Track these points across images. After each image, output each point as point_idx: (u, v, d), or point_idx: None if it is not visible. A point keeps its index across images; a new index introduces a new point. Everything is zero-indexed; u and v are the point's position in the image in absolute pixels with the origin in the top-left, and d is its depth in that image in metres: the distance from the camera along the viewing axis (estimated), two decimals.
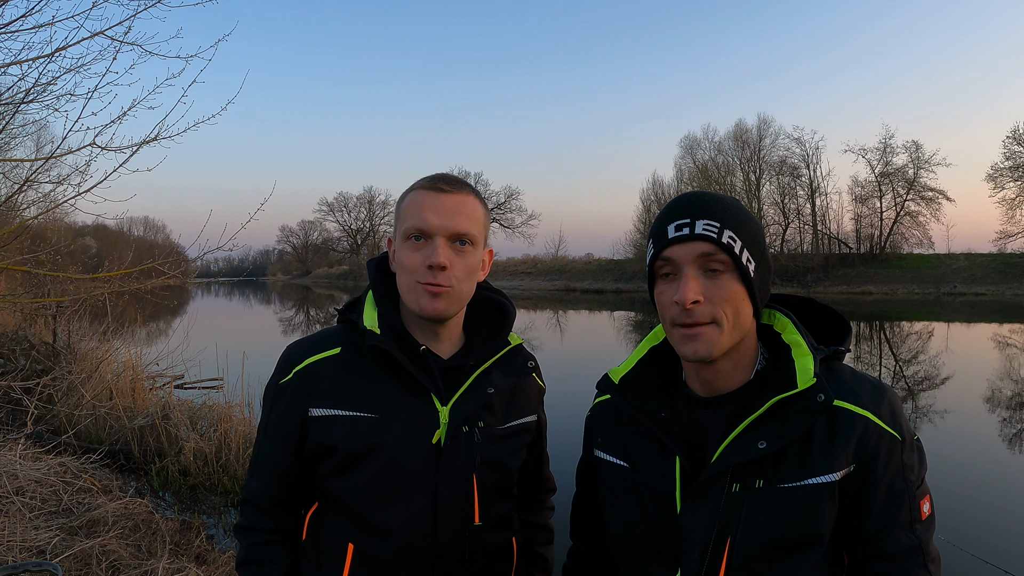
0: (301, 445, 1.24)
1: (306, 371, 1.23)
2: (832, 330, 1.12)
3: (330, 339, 1.27)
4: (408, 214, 1.21)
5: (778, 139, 49.50)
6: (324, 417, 1.20)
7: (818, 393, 0.97)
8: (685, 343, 1.01)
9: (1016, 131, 41.82)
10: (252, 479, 1.29)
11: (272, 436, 1.26)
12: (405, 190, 1.28)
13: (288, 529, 1.28)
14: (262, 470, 1.27)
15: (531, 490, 1.48)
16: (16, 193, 7.02)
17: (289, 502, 1.28)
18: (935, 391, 10.36)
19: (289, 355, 1.26)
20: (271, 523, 1.26)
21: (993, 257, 40.28)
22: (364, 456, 1.19)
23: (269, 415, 1.26)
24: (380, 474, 1.19)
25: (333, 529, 1.22)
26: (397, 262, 1.24)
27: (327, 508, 1.25)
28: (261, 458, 1.27)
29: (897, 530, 0.98)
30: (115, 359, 8.38)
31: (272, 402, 1.26)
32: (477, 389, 1.25)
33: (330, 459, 1.21)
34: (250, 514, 1.27)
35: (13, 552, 3.36)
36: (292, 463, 1.25)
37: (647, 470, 1.10)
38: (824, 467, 0.97)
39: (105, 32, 4.71)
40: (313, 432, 1.21)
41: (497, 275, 62.27)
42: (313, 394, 1.21)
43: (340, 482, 1.21)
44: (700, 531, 1.01)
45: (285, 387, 1.24)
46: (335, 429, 1.19)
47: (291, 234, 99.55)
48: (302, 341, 1.29)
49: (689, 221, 1.01)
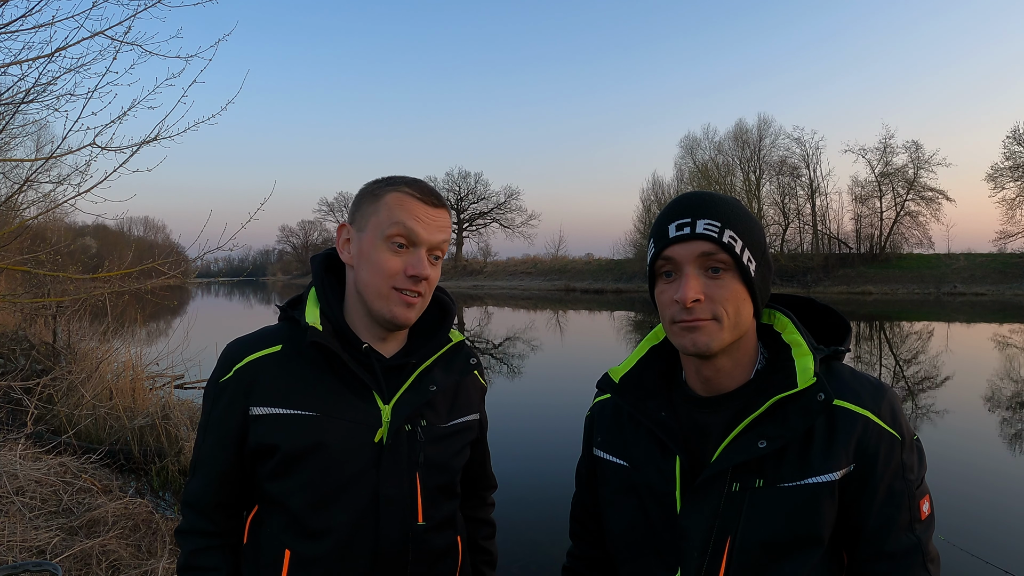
0: (242, 445, 1.21)
1: (246, 369, 1.20)
2: (832, 330, 1.12)
3: (271, 337, 1.24)
4: (394, 217, 1.18)
5: (778, 139, 49.60)
6: (265, 416, 1.18)
7: (818, 392, 0.97)
8: (685, 335, 1.01)
9: (1016, 131, 41.88)
10: (193, 480, 1.25)
11: (213, 436, 1.22)
12: (378, 183, 1.24)
13: (228, 532, 1.25)
14: (203, 471, 1.23)
15: (474, 488, 1.48)
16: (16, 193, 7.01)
17: (230, 504, 1.25)
18: (935, 391, 10.36)
19: (229, 353, 1.23)
20: (211, 526, 1.23)
21: (993, 257, 40.28)
22: (305, 456, 1.16)
23: (210, 414, 1.23)
24: (320, 474, 1.16)
25: (270, 533, 1.20)
26: (368, 261, 1.19)
27: (265, 511, 1.22)
28: (202, 459, 1.24)
29: (897, 530, 0.98)
30: (115, 359, 8.37)
31: (212, 401, 1.23)
32: (419, 387, 1.23)
33: (270, 459, 1.18)
34: (191, 517, 1.23)
35: (13, 552, 3.36)
36: (233, 464, 1.22)
37: (647, 469, 1.10)
38: (824, 466, 0.97)
39: (105, 32, 4.71)
40: (254, 431, 1.18)
41: (497, 275, 62.30)
42: (253, 393, 1.18)
43: (279, 483, 1.18)
44: (700, 531, 1.00)
45: (225, 386, 1.21)
46: (276, 428, 1.17)
47: (291, 234, 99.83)
48: (242, 339, 1.25)
49: (690, 220, 1.01)
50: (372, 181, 1.26)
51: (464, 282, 60.95)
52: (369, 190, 1.24)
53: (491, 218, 68.65)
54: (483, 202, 68.91)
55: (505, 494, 1.57)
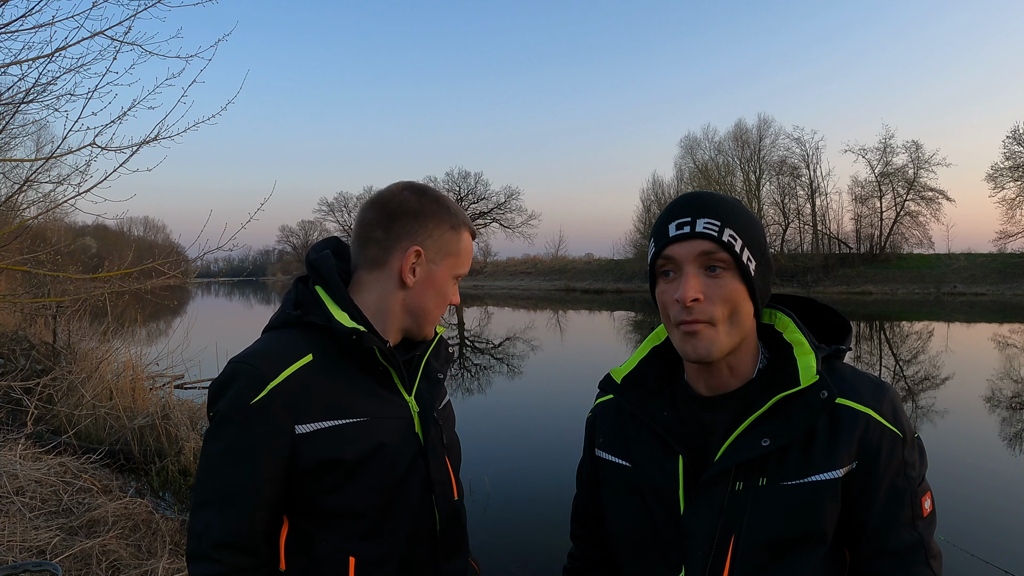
0: (290, 468, 1.13)
1: (285, 386, 1.11)
2: (833, 330, 1.12)
3: (297, 347, 1.17)
4: (464, 260, 1.33)
5: (778, 139, 49.51)
6: (316, 432, 1.13)
7: (820, 390, 0.98)
8: (686, 342, 1.02)
9: (1016, 131, 41.82)
10: (222, 517, 1.10)
11: (252, 464, 1.11)
12: (451, 213, 1.30)
13: (271, 561, 1.16)
14: (241, 505, 1.10)
15: None
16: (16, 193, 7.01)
17: (273, 532, 1.17)
18: (935, 391, 10.37)
19: (254, 371, 1.11)
20: (257, 561, 1.13)
21: (993, 257, 40.27)
22: (367, 461, 1.16)
23: (242, 440, 1.10)
24: (381, 475, 1.18)
25: (326, 547, 1.15)
26: (437, 292, 1.30)
27: (314, 527, 1.17)
28: (238, 492, 1.10)
29: (899, 527, 0.98)
30: (115, 359, 8.39)
31: (242, 426, 1.10)
32: (429, 377, 1.34)
33: (330, 474, 1.14)
34: (230, 558, 1.09)
35: (13, 552, 3.36)
36: (280, 490, 1.14)
37: (650, 469, 1.10)
38: (827, 464, 0.97)
39: (105, 32, 4.70)
40: (307, 450, 1.12)
41: (497, 275, 62.34)
42: (299, 410, 1.12)
43: (339, 494, 1.15)
44: (704, 530, 1.01)
45: (260, 407, 1.10)
46: (333, 442, 1.13)
47: (291, 234, 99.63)
48: (263, 353, 1.15)
49: (690, 220, 1.01)
50: (432, 200, 1.29)
51: (464, 282, 60.11)
52: (444, 219, 1.29)
53: (491, 218, 68.56)
54: (483, 202, 68.80)
55: (505, 494, 1.57)
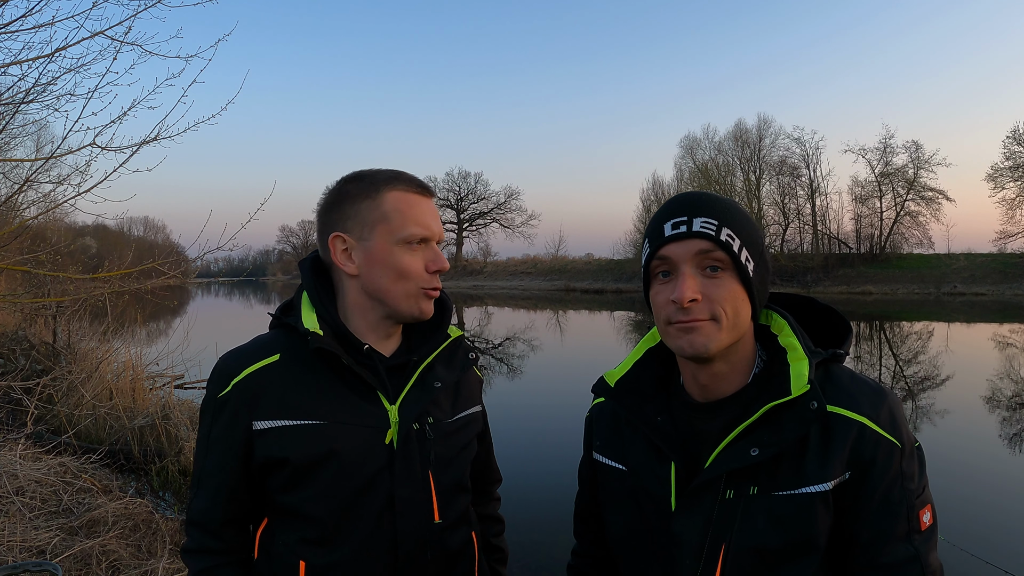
0: (248, 460, 1.17)
1: (245, 382, 1.15)
2: (833, 331, 1.10)
3: (267, 346, 1.20)
4: (406, 218, 1.17)
5: (778, 139, 49.41)
6: (271, 429, 1.14)
7: (811, 401, 0.95)
8: (681, 336, 0.98)
9: (1016, 131, 41.77)
10: (196, 498, 1.20)
11: (215, 453, 1.18)
12: (362, 183, 1.19)
13: (238, 549, 1.22)
14: (207, 489, 1.19)
15: (481, 483, 1.46)
16: (16, 193, 7.02)
17: (238, 520, 1.22)
18: (935, 391, 10.35)
19: (224, 367, 1.18)
20: (220, 544, 1.19)
21: (993, 257, 40.22)
22: (317, 466, 1.14)
23: (210, 430, 1.18)
24: (334, 482, 1.14)
25: (283, 545, 1.17)
26: (387, 267, 1.18)
27: (277, 523, 1.20)
28: (205, 476, 1.19)
29: (893, 540, 0.95)
30: (115, 359, 8.38)
31: (212, 417, 1.18)
32: (423, 385, 1.22)
33: (280, 472, 1.15)
34: (198, 536, 1.19)
35: (13, 552, 3.36)
36: (239, 480, 1.18)
37: (644, 474, 1.09)
38: (818, 475, 0.95)
39: (105, 32, 4.70)
40: (260, 446, 1.15)
41: (497, 275, 62.27)
42: (256, 406, 1.15)
43: (292, 495, 1.16)
44: (693, 537, 0.99)
45: (224, 401, 1.16)
46: (284, 441, 1.13)
47: (291, 234, 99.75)
48: (237, 351, 1.21)
49: (686, 219, 0.99)
50: (350, 180, 1.21)
51: (464, 282, 60.89)
52: (359, 192, 1.19)
53: (491, 218, 68.61)
54: (483, 202, 68.89)
55: (506, 494, 1.57)
